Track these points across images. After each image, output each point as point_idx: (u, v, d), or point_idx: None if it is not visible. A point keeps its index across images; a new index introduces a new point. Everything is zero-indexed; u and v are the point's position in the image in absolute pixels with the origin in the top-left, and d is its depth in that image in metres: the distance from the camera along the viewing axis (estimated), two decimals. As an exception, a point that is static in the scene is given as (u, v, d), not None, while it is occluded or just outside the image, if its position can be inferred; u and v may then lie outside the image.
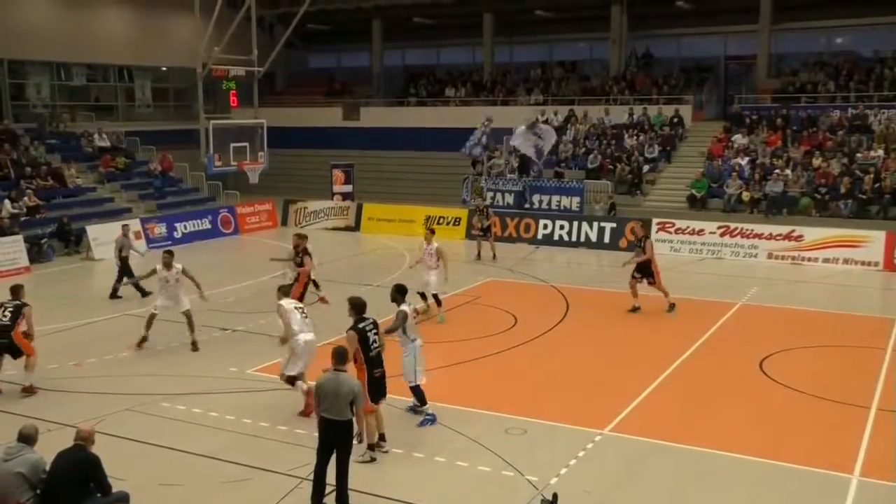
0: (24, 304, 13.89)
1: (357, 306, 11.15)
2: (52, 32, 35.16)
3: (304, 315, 12.62)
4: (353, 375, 9.79)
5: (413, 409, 12.44)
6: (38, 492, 8.18)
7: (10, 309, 13.72)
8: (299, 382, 12.41)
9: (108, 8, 37.85)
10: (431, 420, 12.14)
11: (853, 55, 36.19)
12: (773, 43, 37.26)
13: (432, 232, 19.28)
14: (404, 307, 11.98)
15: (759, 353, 15.64)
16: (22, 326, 13.61)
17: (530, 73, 41.63)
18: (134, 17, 38.84)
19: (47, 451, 8.48)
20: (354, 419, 9.58)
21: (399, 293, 12.09)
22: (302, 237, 19.11)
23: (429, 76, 44.38)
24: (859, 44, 36.81)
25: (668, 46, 40.39)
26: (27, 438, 8.37)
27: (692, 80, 37.64)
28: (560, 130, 35.05)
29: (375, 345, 11.01)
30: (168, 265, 16.23)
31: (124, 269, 20.64)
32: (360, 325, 10.96)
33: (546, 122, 35.75)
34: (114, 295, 20.59)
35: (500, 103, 39.42)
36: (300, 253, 18.46)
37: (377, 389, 10.94)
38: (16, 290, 14.19)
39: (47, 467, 8.27)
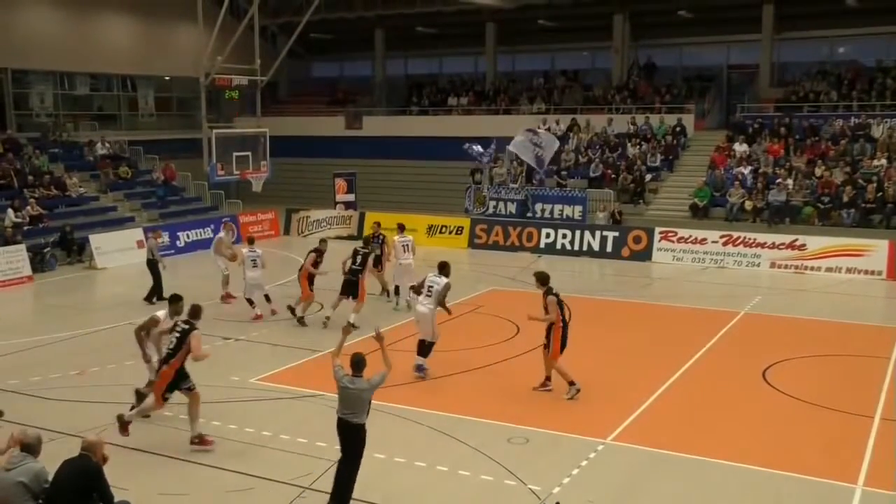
0: None
1: (542, 278, 13.69)
2: (55, 42, 35.28)
3: None
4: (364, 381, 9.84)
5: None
6: (40, 501, 8.16)
7: None
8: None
9: (111, 18, 37.97)
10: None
11: (855, 64, 36.18)
12: (775, 52, 37.27)
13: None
14: None
15: (762, 362, 15.62)
16: None
17: (533, 83, 41.67)
18: (137, 26, 38.97)
19: (49, 460, 8.46)
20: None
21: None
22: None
23: (431, 85, 44.44)
24: (861, 53, 36.80)
25: (670, 55, 40.41)
26: (30, 448, 8.36)
27: (694, 90, 37.67)
28: (562, 139, 35.14)
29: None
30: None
31: (156, 274, 20.80)
32: (555, 292, 13.43)
33: (548, 129, 35.86)
34: (151, 298, 20.66)
35: (502, 112, 39.47)
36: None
37: (565, 342, 13.60)
38: None
39: (49, 477, 8.26)
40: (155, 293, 20.74)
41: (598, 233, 27.88)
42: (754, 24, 36.35)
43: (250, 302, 19.23)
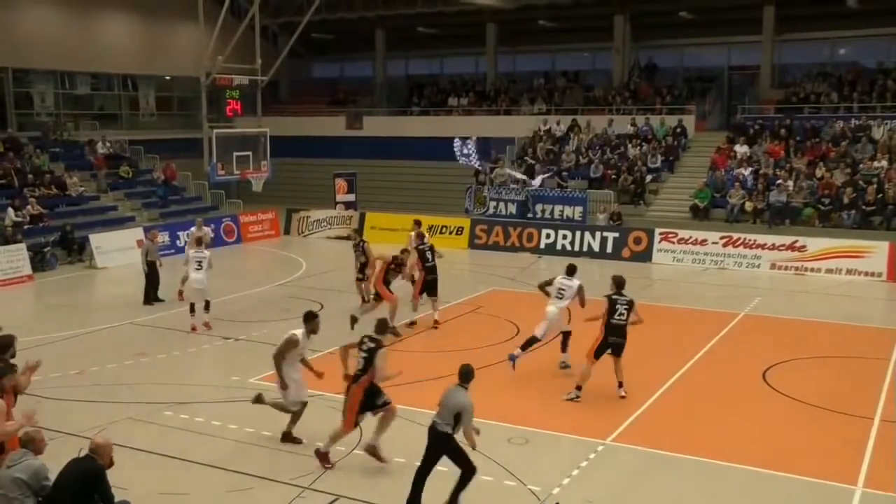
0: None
1: (618, 282, 13.88)
2: (56, 41, 35.28)
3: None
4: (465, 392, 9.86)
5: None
6: (41, 499, 8.17)
7: None
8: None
9: (112, 17, 37.98)
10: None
11: (856, 66, 36.20)
12: (776, 53, 37.27)
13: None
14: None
15: (762, 363, 15.62)
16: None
17: (533, 83, 41.68)
18: (138, 26, 38.98)
19: (49, 460, 8.46)
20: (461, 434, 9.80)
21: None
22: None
23: (432, 85, 44.45)
24: (862, 55, 36.81)
25: (671, 56, 40.41)
26: (30, 445, 8.36)
27: (695, 91, 37.67)
28: (563, 140, 35.22)
29: (622, 317, 13.46)
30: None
31: (153, 275, 20.60)
32: (613, 296, 13.64)
33: (549, 130, 35.98)
34: (148, 300, 20.57)
35: (502, 113, 39.48)
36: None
37: (603, 349, 13.61)
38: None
39: (49, 474, 8.26)
40: (150, 295, 20.73)
41: (598, 233, 27.87)
42: (755, 25, 36.35)
43: (192, 309, 18.18)
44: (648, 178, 31.91)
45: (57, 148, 33.27)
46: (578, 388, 13.72)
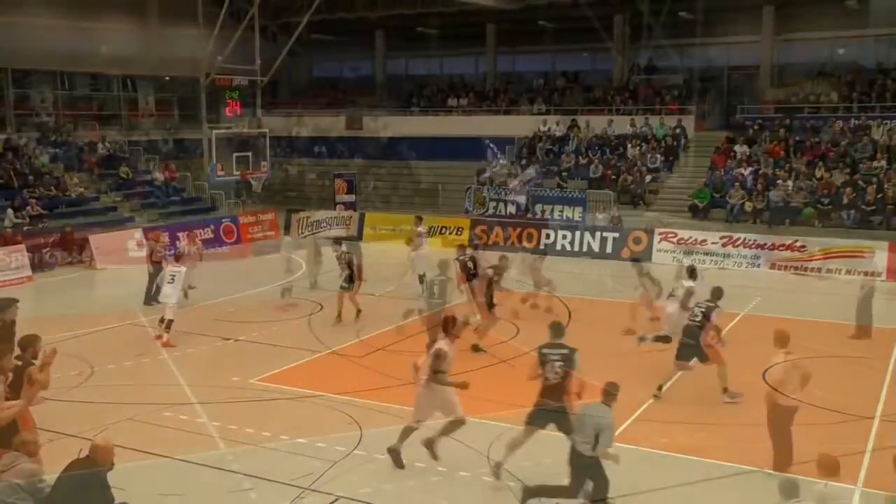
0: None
1: (712, 292, 14.62)
2: (55, 42, 35.19)
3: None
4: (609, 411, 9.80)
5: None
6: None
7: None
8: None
9: (111, 18, 37.89)
10: None
11: (856, 66, 36.19)
12: (776, 53, 37.28)
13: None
14: None
15: (762, 363, 15.57)
16: None
17: (533, 83, 41.68)
18: (137, 27, 38.90)
19: (49, 462, 8.46)
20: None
21: None
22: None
23: (432, 85, 44.44)
24: (862, 55, 36.75)
25: (671, 56, 40.34)
26: (22, 448, 8.34)
27: (695, 91, 37.64)
28: (563, 140, 35.22)
29: (695, 318, 14.20)
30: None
31: (158, 276, 20.12)
32: (700, 302, 14.53)
33: (548, 130, 36.00)
34: (149, 300, 20.42)
35: (502, 113, 39.47)
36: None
37: (678, 350, 14.28)
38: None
39: (45, 476, 8.24)
40: (149, 295, 20.63)
41: (598, 234, 27.88)
42: (755, 24, 36.37)
43: (161, 322, 17.50)
44: (648, 178, 31.90)
45: (56, 149, 33.24)
46: (725, 390, 14.06)
